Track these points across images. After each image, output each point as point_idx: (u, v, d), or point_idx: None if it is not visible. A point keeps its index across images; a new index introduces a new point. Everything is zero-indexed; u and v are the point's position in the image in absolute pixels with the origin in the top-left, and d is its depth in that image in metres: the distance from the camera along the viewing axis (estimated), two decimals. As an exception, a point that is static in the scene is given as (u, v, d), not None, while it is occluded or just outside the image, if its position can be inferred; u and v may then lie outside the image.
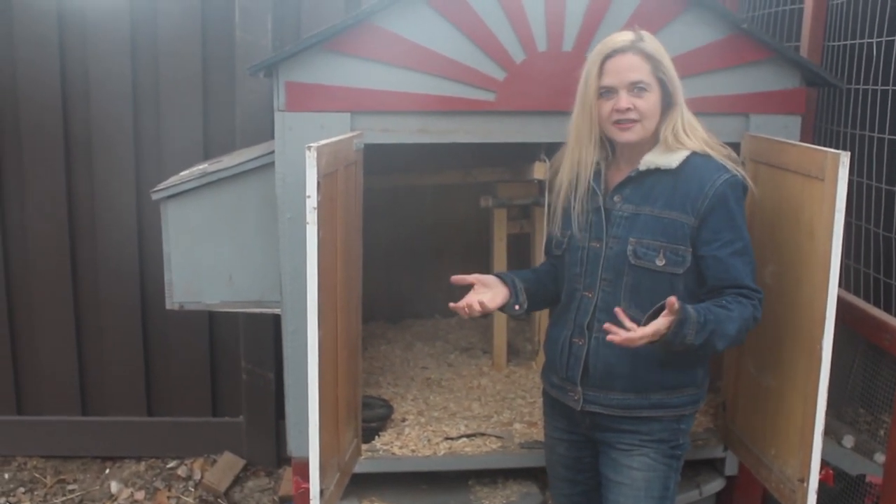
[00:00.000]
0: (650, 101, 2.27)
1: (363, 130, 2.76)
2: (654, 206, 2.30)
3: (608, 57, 2.27)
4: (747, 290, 2.27)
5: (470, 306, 2.35)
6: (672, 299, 2.10)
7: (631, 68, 2.25)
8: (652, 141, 2.33)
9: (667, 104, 2.30)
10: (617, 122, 2.28)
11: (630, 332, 2.11)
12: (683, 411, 2.39)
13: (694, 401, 2.41)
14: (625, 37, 2.28)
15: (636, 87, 2.25)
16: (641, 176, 2.33)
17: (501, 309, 2.46)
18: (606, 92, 2.28)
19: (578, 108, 2.35)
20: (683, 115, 2.32)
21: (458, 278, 2.41)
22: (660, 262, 2.28)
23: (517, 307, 2.46)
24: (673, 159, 2.29)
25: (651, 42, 2.28)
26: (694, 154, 2.30)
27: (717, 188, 2.25)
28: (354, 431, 2.89)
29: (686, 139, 2.30)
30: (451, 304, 2.36)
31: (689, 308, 2.16)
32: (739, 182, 2.30)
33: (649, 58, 2.25)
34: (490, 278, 2.46)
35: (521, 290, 2.47)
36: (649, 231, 2.29)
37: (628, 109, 2.25)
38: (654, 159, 2.31)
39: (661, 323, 2.12)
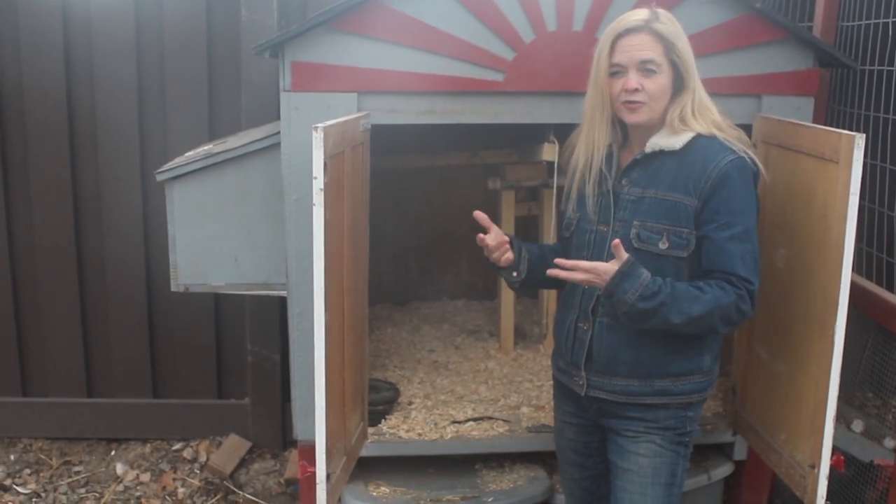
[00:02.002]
0: (659, 83, 2.22)
1: (370, 111, 2.73)
2: (659, 188, 2.27)
3: (620, 35, 2.23)
4: (736, 277, 2.20)
5: (495, 245, 2.41)
6: (616, 241, 2.15)
7: (642, 47, 2.21)
8: (661, 123, 2.29)
9: (678, 87, 2.26)
10: (625, 103, 2.24)
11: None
12: (690, 399, 2.36)
13: (701, 388, 2.37)
14: (639, 15, 2.23)
15: (646, 68, 2.21)
16: (647, 159, 2.30)
17: (499, 271, 2.50)
18: (617, 70, 2.24)
19: (591, 87, 2.32)
20: (695, 97, 2.27)
21: (481, 217, 2.42)
22: (663, 246, 2.24)
23: (515, 274, 2.48)
24: (677, 141, 2.25)
25: (667, 22, 2.23)
26: (700, 136, 2.26)
27: (720, 169, 2.21)
28: (361, 415, 2.88)
29: (694, 122, 2.26)
30: (478, 213, 2.42)
31: (643, 270, 2.15)
32: (746, 165, 2.24)
33: (662, 38, 2.21)
34: (504, 239, 2.46)
35: (524, 259, 2.47)
36: (653, 214, 2.26)
37: (636, 90, 2.21)
38: (658, 141, 2.27)
39: (601, 264, 2.17)
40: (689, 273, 2.26)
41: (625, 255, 2.14)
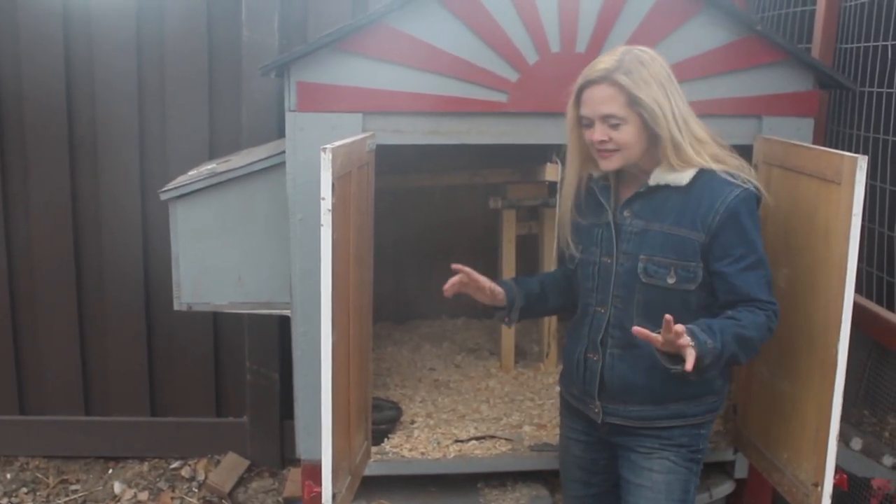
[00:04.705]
0: (627, 133, 2.20)
1: (375, 131, 2.74)
2: (664, 222, 2.27)
3: (583, 87, 2.23)
4: (759, 302, 2.23)
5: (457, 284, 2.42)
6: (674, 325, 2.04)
7: (603, 101, 2.19)
8: (655, 158, 2.28)
9: (651, 131, 2.22)
10: (598, 150, 2.26)
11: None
12: (703, 419, 2.39)
13: (713, 409, 2.40)
14: (602, 64, 2.20)
15: (609, 123, 2.20)
16: (651, 191, 2.30)
17: (493, 309, 2.55)
18: (585, 122, 2.26)
19: (567, 132, 2.35)
20: (688, 133, 2.22)
21: (460, 268, 2.42)
22: (671, 280, 2.25)
23: (506, 319, 2.54)
24: (683, 177, 2.25)
25: (633, 68, 2.17)
26: (703, 170, 2.25)
27: (727, 204, 2.21)
28: (365, 434, 2.88)
29: (693, 156, 2.22)
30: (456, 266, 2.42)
31: (702, 338, 2.09)
32: (752, 195, 2.25)
33: (623, 90, 2.16)
34: (486, 287, 2.45)
35: (515, 310, 2.51)
36: (659, 248, 2.26)
37: (603, 141, 2.22)
38: (663, 176, 2.27)
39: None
40: (696, 304, 2.28)
41: (687, 339, 2.05)
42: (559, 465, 2.68)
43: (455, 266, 2.40)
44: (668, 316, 2.02)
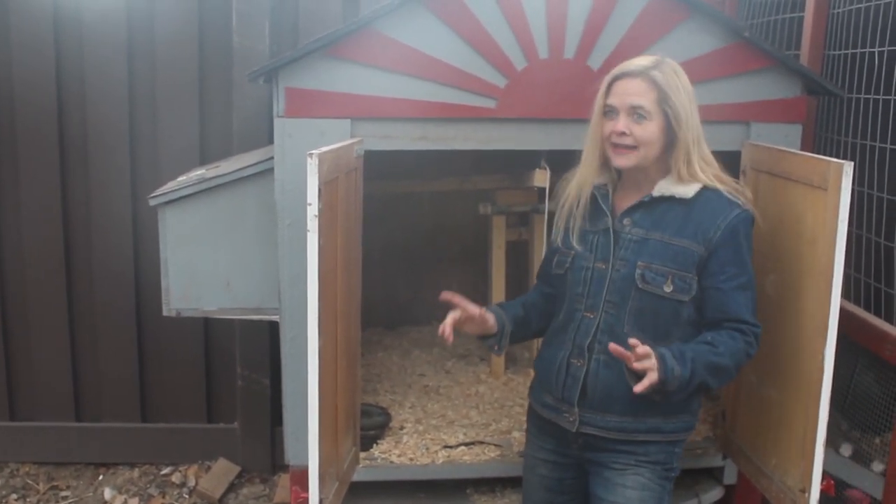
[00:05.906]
0: (648, 130, 2.24)
1: (363, 137, 2.74)
2: (665, 232, 2.29)
3: (617, 78, 2.27)
4: (746, 325, 2.27)
5: (461, 321, 2.43)
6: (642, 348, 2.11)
7: (635, 93, 2.23)
8: (663, 168, 2.32)
9: (671, 137, 2.27)
10: (614, 145, 2.28)
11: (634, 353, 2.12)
12: (677, 436, 2.39)
13: (687, 427, 2.41)
14: (642, 61, 2.26)
15: (636, 113, 2.24)
16: (654, 202, 2.32)
17: (480, 338, 2.54)
18: (609, 111, 2.28)
19: (590, 125, 2.36)
20: (699, 150, 2.29)
21: (450, 298, 2.43)
22: (667, 289, 2.27)
23: (496, 347, 2.53)
24: (688, 190, 2.29)
25: (668, 72, 2.24)
26: (705, 187, 2.30)
27: (729, 221, 2.26)
28: (353, 440, 2.87)
29: (699, 174, 2.29)
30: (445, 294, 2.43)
31: (668, 362, 2.14)
32: (751, 218, 2.31)
33: (657, 87, 2.22)
34: (477, 315, 2.43)
35: (506, 335, 2.51)
36: (658, 256, 2.28)
37: (623, 134, 2.24)
38: (669, 187, 2.30)
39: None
40: (686, 317, 2.30)
41: (652, 363, 2.12)
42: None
43: (444, 296, 2.41)
44: (632, 340, 2.10)
